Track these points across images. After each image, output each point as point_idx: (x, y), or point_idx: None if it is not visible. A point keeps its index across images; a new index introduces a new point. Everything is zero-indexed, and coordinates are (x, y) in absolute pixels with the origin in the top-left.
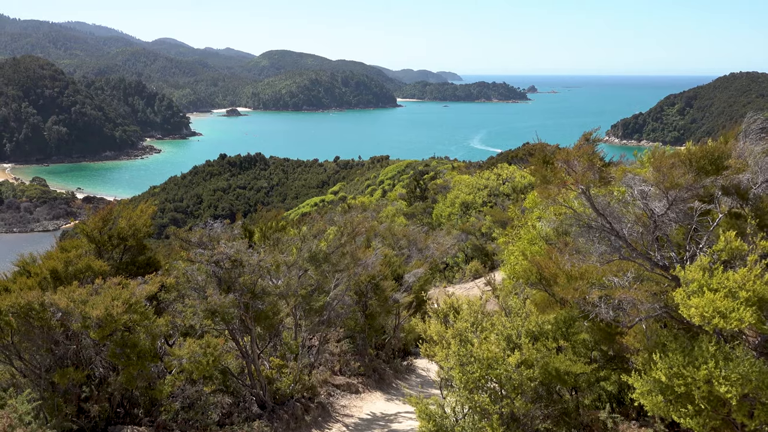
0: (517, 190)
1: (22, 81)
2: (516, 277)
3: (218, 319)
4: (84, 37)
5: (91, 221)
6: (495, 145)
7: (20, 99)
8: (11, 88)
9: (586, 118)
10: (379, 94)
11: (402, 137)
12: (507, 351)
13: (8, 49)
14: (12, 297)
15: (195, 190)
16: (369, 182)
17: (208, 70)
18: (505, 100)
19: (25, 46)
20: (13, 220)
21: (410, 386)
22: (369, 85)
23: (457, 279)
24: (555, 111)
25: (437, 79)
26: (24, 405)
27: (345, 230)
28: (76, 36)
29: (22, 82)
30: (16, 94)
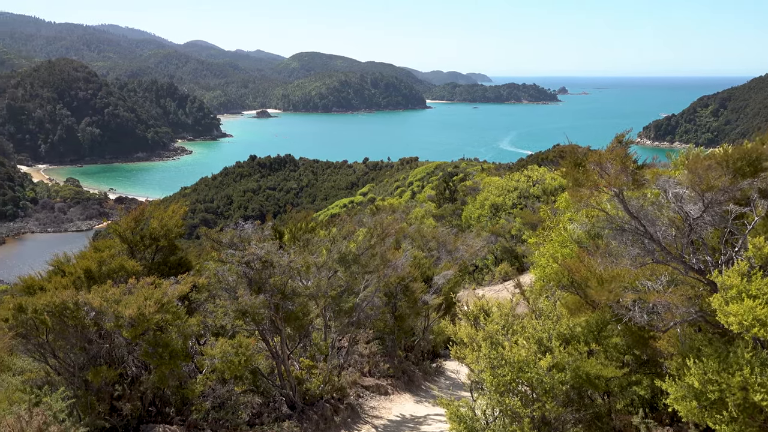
0: (548, 192)
1: (57, 83)
2: (546, 280)
3: (249, 320)
4: (117, 39)
5: (124, 222)
6: (525, 147)
7: (55, 101)
8: (46, 90)
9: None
10: (409, 95)
11: (431, 139)
12: (538, 354)
13: (43, 51)
14: (47, 296)
15: (225, 191)
16: (398, 184)
17: (238, 72)
18: (535, 102)
19: (59, 49)
20: (48, 220)
21: (439, 388)
22: (398, 87)
23: (486, 281)
24: (586, 112)
25: (467, 80)
26: (58, 403)
27: (375, 232)
28: (110, 39)
29: (57, 85)
30: (51, 96)
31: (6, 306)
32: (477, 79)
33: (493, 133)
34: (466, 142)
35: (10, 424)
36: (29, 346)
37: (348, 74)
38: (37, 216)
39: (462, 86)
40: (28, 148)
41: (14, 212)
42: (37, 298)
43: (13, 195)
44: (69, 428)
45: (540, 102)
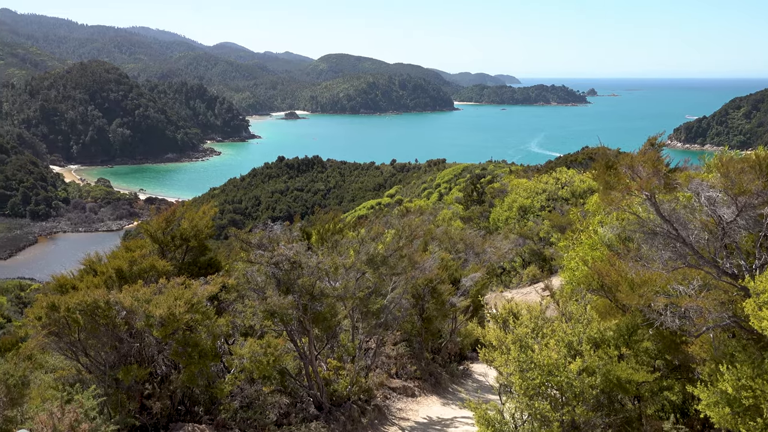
0: (577, 194)
1: (89, 85)
2: (576, 283)
3: (277, 320)
4: (148, 41)
5: (155, 222)
6: (553, 149)
7: (87, 102)
8: (78, 91)
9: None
10: (437, 97)
11: (459, 140)
12: (568, 358)
13: (76, 54)
14: (79, 295)
15: (253, 192)
16: (425, 185)
17: (267, 74)
18: (564, 104)
19: (91, 51)
20: (79, 219)
21: (466, 391)
22: (426, 89)
23: (513, 284)
24: (615, 114)
25: (495, 82)
26: (90, 401)
27: (403, 233)
28: (141, 41)
29: (89, 86)
30: (83, 97)
31: (39, 304)
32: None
33: (521, 135)
34: (493, 143)
35: (42, 420)
36: (61, 345)
37: (376, 76)
38: (69, 216)
39: (490, 88)
40: (61, 149)
41: (46, 212)
42: (70, 297)
43: (45, 195)
44: (100, 426)
45: (569, 104)
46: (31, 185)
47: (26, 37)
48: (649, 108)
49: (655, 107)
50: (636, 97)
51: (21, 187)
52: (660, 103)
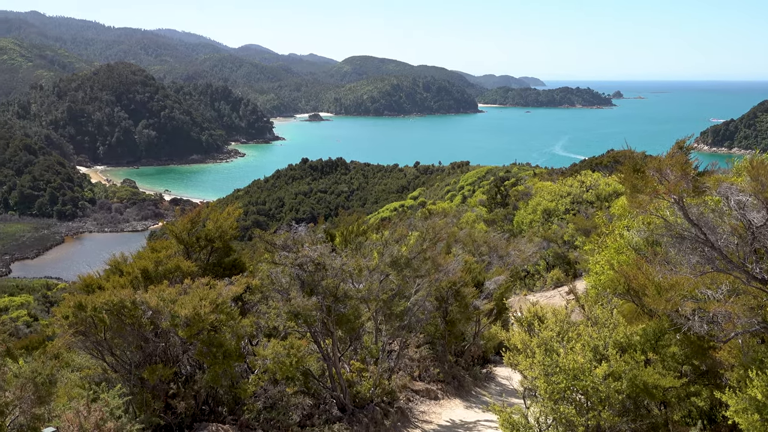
0: (602, 197)
1: (115, 86)
2: (601, 287)
3: (301, 321)
4: (174, 44)
5: (180, 223)
6: (578, 152)
7: (113, 104)
8: (105, 93)
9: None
10: (461, 99)
11: (483, 143)
12: (593, 362)
13: (103, 56)
14: (106, 295)
15: (277, 194)
16: (449, 188)
17: (291, 76)
18: (589, 106)
19: (118, 53)
20: (105, 220)
21: (490, 394)
22: (450, 91)
23: (537, 287)
24: (641, 117)
25: (520, 84)
26: (115, 399)
27: (426, 236)
28: (167, 43)
29: (115, 88)
30: (109, 98)
31: (66, 304)
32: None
33: (546, 137)
34: (517, 146)
35: (69, 419)
36: (88, 344)
37: (400, 78)
38: (95, 216)
39: (514, 90)
40: (87, 150)
41: (73, 212)
42: (96, 296)
43: (72, 195)
44: (125, 424)
45: (594, 106)
46: (58, 186)
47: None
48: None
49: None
50: (662, 100)
51: (48, 187)
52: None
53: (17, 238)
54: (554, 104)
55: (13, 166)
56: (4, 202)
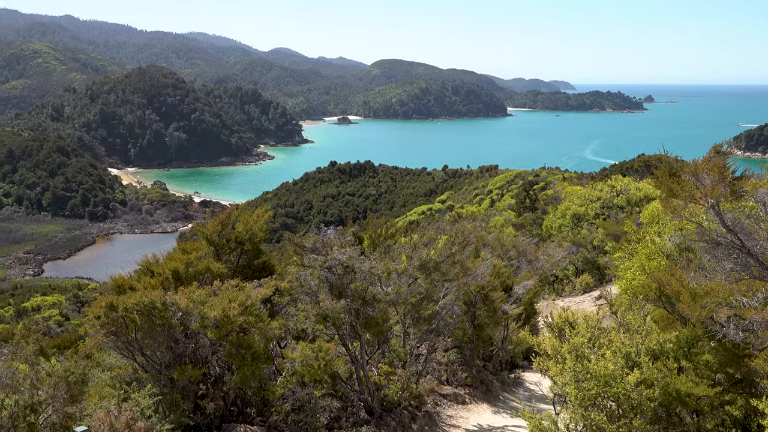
0: (632, 202)
1: (147, 89)
2: (632, 293)
3: (329, 324)
4: (204, 47)
5: (211, 225)
6: (608, 156)
7: (144, 106)
8: (137, 96)
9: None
10: (489, 103)
11: (511, 147)
12: (625, 369)
13: (135, 59)
14: (137, 295)
15: (305, 196)
16: (477, 192)
17: (320, 79)
18: (620, 110)
19: (150, 57)
20: (135, 221)
21: (518, 400)
22: (479, 94)
23: (566, 292)
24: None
25: (549, 88)
26: (146, 399)
27: (455, 239)
28: (198, 46)
29: (147, 91)
30: (140, 101)
31: (98, 304)
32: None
33: (576, 141)
34: (547, 150)
35: (100, 418)
36: (119, 344)
37: (429, 81)
38: (126, 217)
39: (544, 94)
40: (119, 152)
41: (104, 213)
42: (128, 297)
43: (103, 197)
44: (155, 424)
45: (625, 110)
46: (90, 187)
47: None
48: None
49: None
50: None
51: (81, 188)
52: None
53: (50, 238)
54: (584, 108)
55: (47, 168)
56: (38, 203)
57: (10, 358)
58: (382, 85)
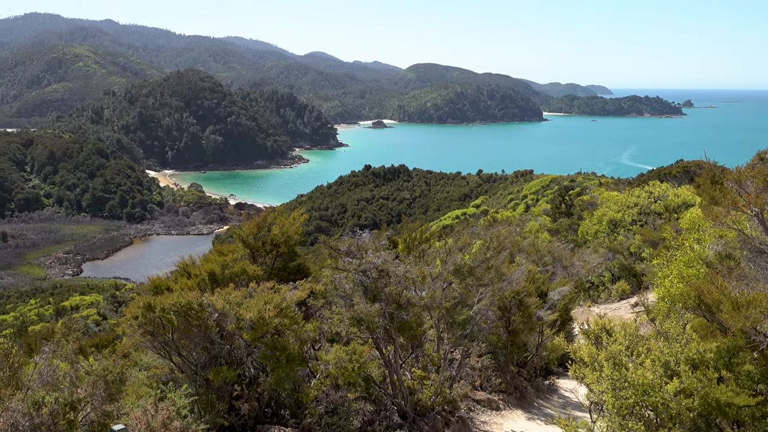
0: (670, 209)
1: (184, 93)
2: (671, 301)
3: (363, 328)
4: (241, 51)
5: (247, 227)
6: (646, 162)
7: (182, 109)
8: (175, 99)
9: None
10: (525, 107)
11: (547, 151)
12: (664, 378)
13: (173, 63)
14: (174, 296)
15: (340, 200)
16: (512, 196)
17: (355, 83)
18: (658, 115)
19: (188, 60)
20: (172, 222)
21: (552, 407)
22: (514, 99)
23: (602, 299)
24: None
25: (586, 92)
26: (182, 399)
27: (490, 244)
28: (234, 50)
29: (184, 94)
30: (178, 104)
31: (136, 304)
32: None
33: (612, 146)
34: (583, 155)
35: (137, 416)
36: (156, 344)
37: (464, 86)
38: (163, 219)
39: (581, 98)
40: (156, 154)
41: (142, 214)
42: (165, 298)
43: (141, 198)
44: (191, 424)
45: (663, 115)
46: (128, 189)
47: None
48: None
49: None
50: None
51: (119, 190)
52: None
53: (89, 239)
54: (622, 113)
55: (86, 170)
56: (77, 204)
57: (51, 356)
58: (417, 89)
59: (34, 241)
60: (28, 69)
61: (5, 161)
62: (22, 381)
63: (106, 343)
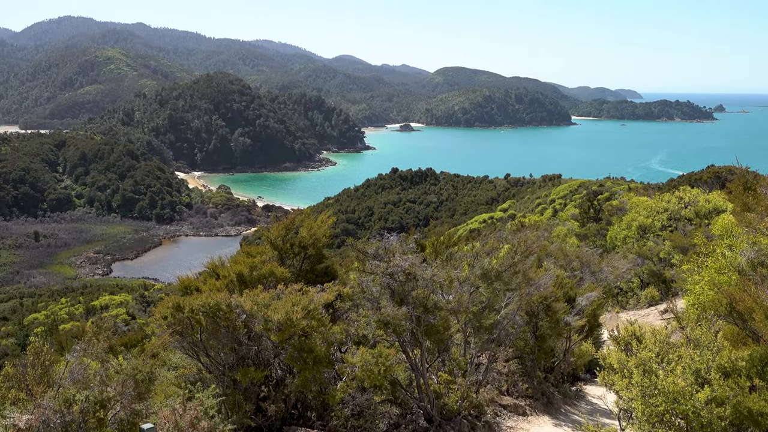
0: (701, 215)
1: (214, 95)
2: (702, 308)
3: (390, 331)
4: (270, 54)
5: (275, 229)
6: (676, 167)
7: (211, 112)
8: (204, 101)
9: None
10: (553, 111)
11: (575, 156)
12: (695, 386)
13: (203, 66)
14: (203, 297)
15: (366, 203)
16: (539, 201)
17: (383, 86)
18: (689, 120)
19: (217, 63)
20: (200, 224)
21: (580, 413)
22: (543, 103)
23: (630, 305)
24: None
25: (615, 96)
26: (209, 399)
27: (518, 249)
28: (263, 53)
29: (214, 96)
30: (207, 107)
31: (165, 304)
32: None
33: (642, 151)
34: (612, 160)
35: (165, 416)
36: (184, 344)
37: (492, 89)
38: (191, 220)
39: (610, 103)
40: (186, 156)
41: (171, 216)
42: (194, 298)
43: (170, 200)
44: (218, 424)
45: (694, 120)
46: (157, 190)
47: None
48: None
49: None
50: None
51: (149, 191)
52: None
53: (118, 239)
54: (652, 117)
55: (117, 171)
56: (108, 205)
57: (82, 355)
58: (445, 93)
59: (65, 241)
60: (62, 71)
61: (38, 162)
62: (54, 379)
63: (134, 342)
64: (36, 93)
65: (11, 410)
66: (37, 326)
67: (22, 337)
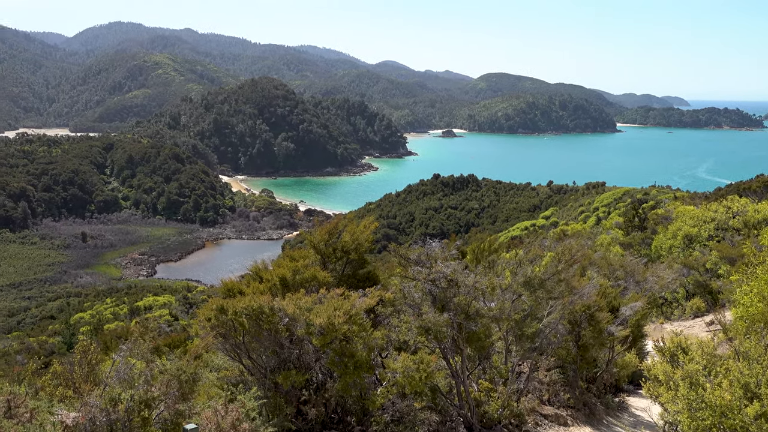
0: (750, 225)
1: (258, 100)
2: (751, 320)
3: (431, 337)
4: (314, 60)
5: (318, 233)
6: (723, 176)
7: (255, 116)
8: (249, 106)
9: None
10: (598, 118)
11: (620, 163)
12: (744, 400)
13: (248, 71)
14: (246, 300)
15: (408, 208)
16: (582, 209)
17: (426, 92)
18: (737, 128)
19: (262, 68)
20: (243, 227)
21: (623, 425)
22: (587, 109)
23: (675, 316)
24: None
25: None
26: (251, 402)
27: (562, 257)
28: (308, 59)
29: (258, 101)
30: (252, 111)
31: (209, 306)
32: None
33: (689, 159)
34: (657, 168)
35: (207, 417)
36: (227, 346)
37: (535, 95)
38: (234, 223)
39: (656, 110)
40: (230, 160)
41: (214, 218)
42: (237, 301)
43: (214, 203)
44: (259, 427)
45: (743, 128)
46: (201, 193)
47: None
48: None
49: None
50: None
51: (193, 194)
52: None
53: (163, 241)
54: (699, 125)
55: (163, 174)
56: (153, 207)
57: (128, 355)
58: (488, 99)
59: (111, 242)
60: (111, 76)
61: (87, 164)
62: (100, 377)
63: (177, 343)
64: (86, 97)
65: (59, 407)
66: (83, 325)
67: (69, 336)
